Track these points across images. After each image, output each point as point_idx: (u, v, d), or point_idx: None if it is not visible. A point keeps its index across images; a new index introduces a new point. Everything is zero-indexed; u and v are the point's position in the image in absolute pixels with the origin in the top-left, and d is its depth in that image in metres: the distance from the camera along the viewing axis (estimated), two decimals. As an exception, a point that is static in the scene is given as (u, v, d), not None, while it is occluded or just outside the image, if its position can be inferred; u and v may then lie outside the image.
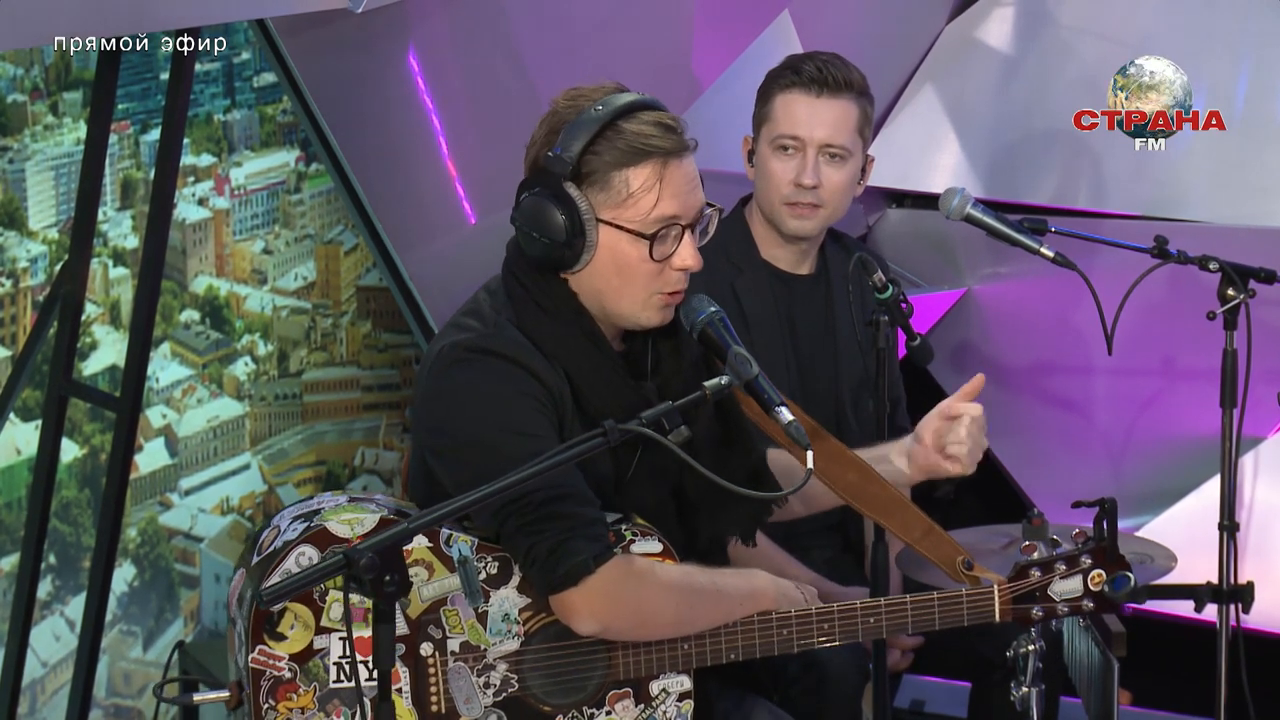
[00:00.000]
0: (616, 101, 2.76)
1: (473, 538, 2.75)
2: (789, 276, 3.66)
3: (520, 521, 2.68)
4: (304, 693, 2.70)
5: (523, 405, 2.74)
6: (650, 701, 2.80)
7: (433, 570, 2.74)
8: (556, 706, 2.78)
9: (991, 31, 4.61)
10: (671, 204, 2.76)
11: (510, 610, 2.75)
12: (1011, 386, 4.58)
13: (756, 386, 2.64)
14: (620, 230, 2.76)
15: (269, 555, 2.74)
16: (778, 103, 3.57)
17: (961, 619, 2.86)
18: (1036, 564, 2.87)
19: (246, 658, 2.70)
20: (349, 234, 4.45)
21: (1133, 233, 3.85)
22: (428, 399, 2.82)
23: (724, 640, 2.80)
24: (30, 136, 3.88)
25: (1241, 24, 4.33)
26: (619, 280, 2.78)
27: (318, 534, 2.72)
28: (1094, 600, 2.86)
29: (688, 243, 2.79)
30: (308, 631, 2.71)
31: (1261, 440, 4.24)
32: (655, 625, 2.77)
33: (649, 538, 2.78)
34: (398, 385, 4.61)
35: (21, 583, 3.80)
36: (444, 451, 2.79)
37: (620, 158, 2.74)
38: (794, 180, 3.53)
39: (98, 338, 4.02)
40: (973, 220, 3.51)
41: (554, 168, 2.75)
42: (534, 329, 2.80)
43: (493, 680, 2.75)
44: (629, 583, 2.72)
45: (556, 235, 2.75)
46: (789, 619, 2.82)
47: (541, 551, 2.68)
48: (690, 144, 2.79)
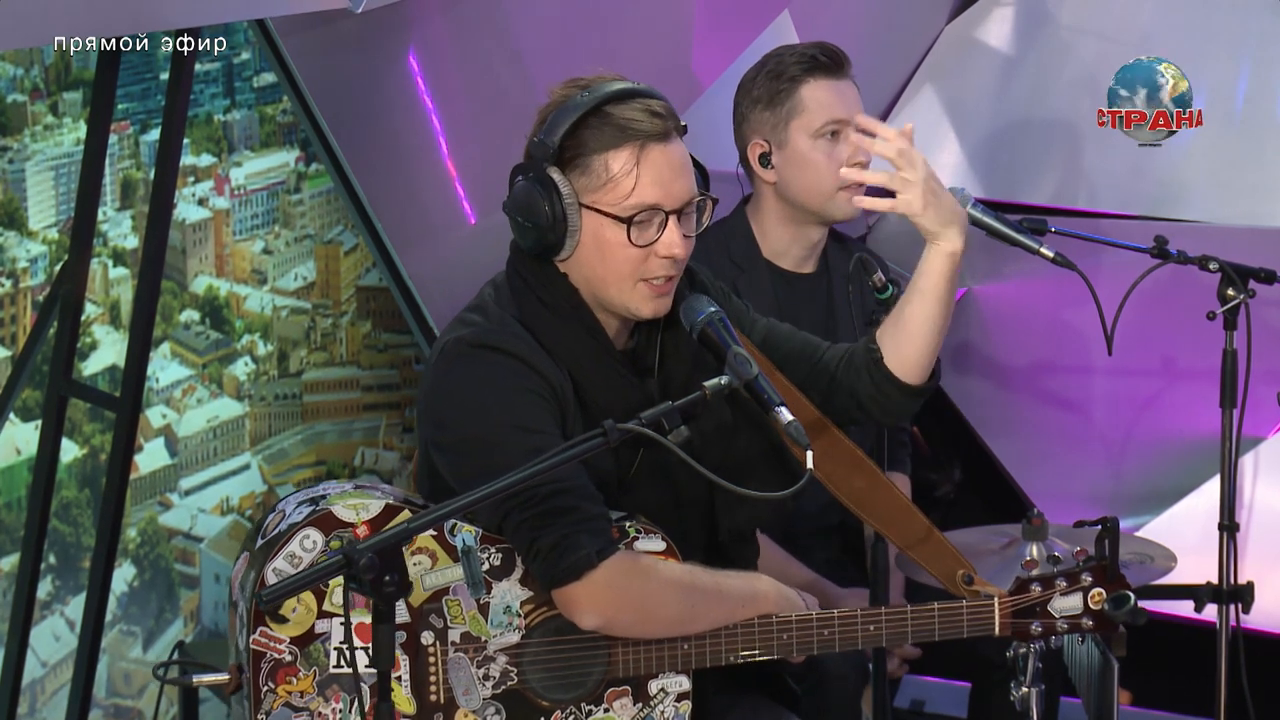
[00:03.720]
0: (605, 88, 2.76)
1: (476, 528, 2.75)
2: (792, 276, 3.67)
3: (524, 515, 2.68)
4: (304, 676, 2.71)
5: (525, 400, 2.75)
6: (648, 701, 2.80)
7: (436, 559, 2.74)
8: (555, 702, 2.78)
9: (991, 31, 4.61)
10: (651, 189, 2.75)
11: (512, 603, 2.75)
12: (1011, 386, 4.58)
13: (756, 386, 2.64)
14: (600, 214, 2.75)
15: (273, 538, 2.75)
16: (805, 94, 3.58)
17: (961, 631, 2.86)
18: (1037, 579, 2.87)
19: (248, 640, 2.70)
20: (349, 234, 4.45)
21: (1133, 233, 3.85)
22: (431, 393, 2.83)
23: (724, 642, 2.80)
24: (30, 136, 3.87)
25: (1241, 24, 4.33)
26: (603, 266, 2.78)
27: (323, 517, 2.73)
28: (1093, 619, 2.86)
29: (671, 229, 2.77)
30: (309, 615, 2.72)
31: (1261, 440, 4.24)
32: (657, 621, 2.77)
33: (652, 536, 2.79)
34: (398, 385, 4.61)
35: (21, 583, 3.80)
36: (446, 445, 2.80)
37: (602, 141, 2.74)
38: (849, 161, 3.55)
39: (98, 338, 4.02)
40: (973, 220, 3.51)
41: (537, 152, 2.76)
42: (536, 323, 2.80)
43: (492, 672, 2.75)
44: (632, 578, 2.72)
45: (542, 220, 2.75)
46: (789, 624, 2.81)
47: (545, 545, 2.68)
48: (673, 129, 2.77)
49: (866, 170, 3.62)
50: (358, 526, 2.74)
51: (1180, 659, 4.09)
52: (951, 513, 4.68)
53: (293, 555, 2.72)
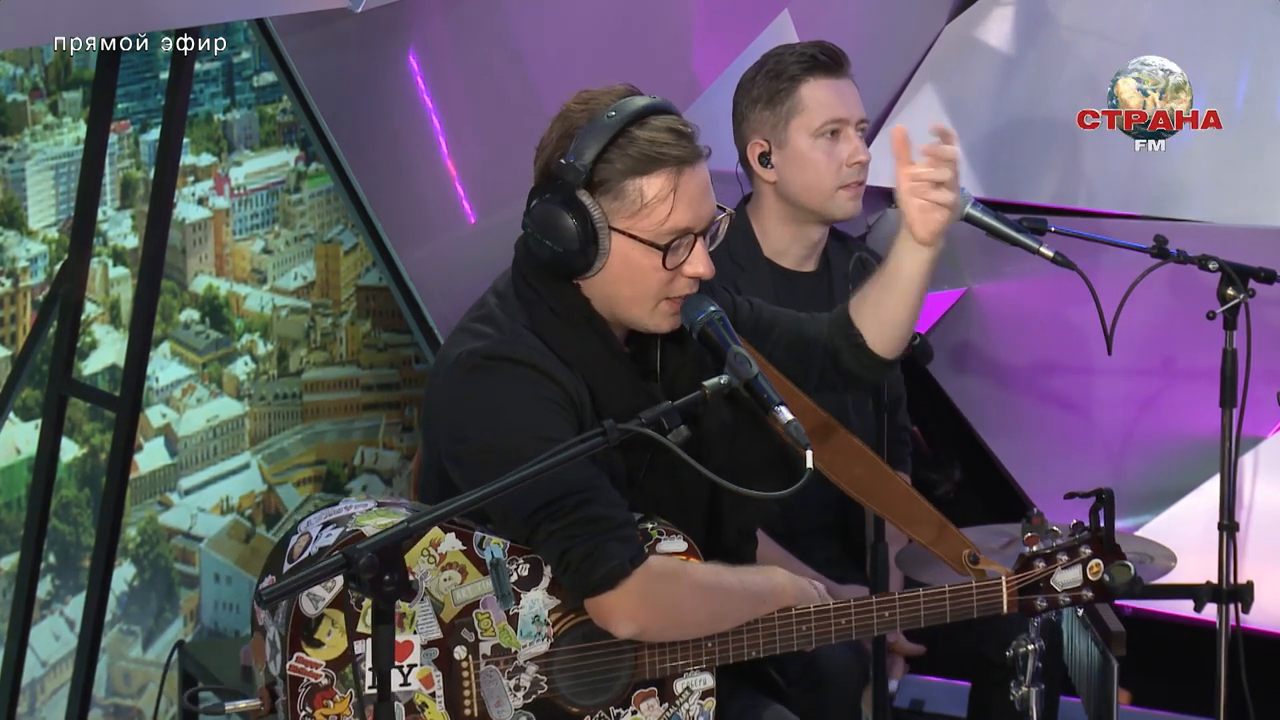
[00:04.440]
0: (630, 106, 2.74)
1: (504, 541, 2.74)
2: (793, 274, 3.67)
3: (554, 527, 2.69)
4: (340, 699, 2.70)
5: (544, 410, 2.74)
6: (674, 700, 2.81)
7: (466, 573, 2.73)
8: (584, 707, 2.78)
9: (991, 31, 4.61)
10: (685, 214, 2.75)
11: (540, 612, 2.75)
12: (1011, 386, 4.58)
13: (756, 386, 2.64)
14: (634, 240, 2.75)
15: (303, 562, 2.72)
16: (805, 93, 3.59)
17: (972, 610, 2.88)
18: (1040, 555, 2.89)
19: (283, 664, 2.69)
20: (349, 234, 4.45)
21: (1133, 233, 3.85)
22: (446, 406, 2.81)
23: (746, 637, 2.82)
24: (30, 136, 3.87)
25: (1241, 24, 4.33)
26: (630, 288, 2.78)
27: (353, 538, 2.67)
28: (1093, 590, 2.89)
29: (699, 251, 2.78)
30: (343, 638, 2.70)
31: (1261, 440, 4.24)
32: (689, 625, 2.78)
33: (674, 536, 2.79)
34: (397, 385, 4.61)
35: (21, 582, 3.80)
36: (465, 458, 2.78)
37: (634, 166, 2.73)
38: (849, 160, 3.58)
39: (98, 337, 4.02)
40: (972, 220, 3.51)
41: (567, 175, 2.73)
42: (550, 334, 2.79)
43: (523, 683, 2.75)
44: (663, 584, 2.73)
45: (569, 243, 2.74)
46: (808, 615, 2.83)
47: (577, 556, 2.68)
48: (704, 151, 2.78)
49: (867, 171, 3.63)
50: None
51: (1180, 659, 4.09)
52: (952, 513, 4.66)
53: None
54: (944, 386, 4.62)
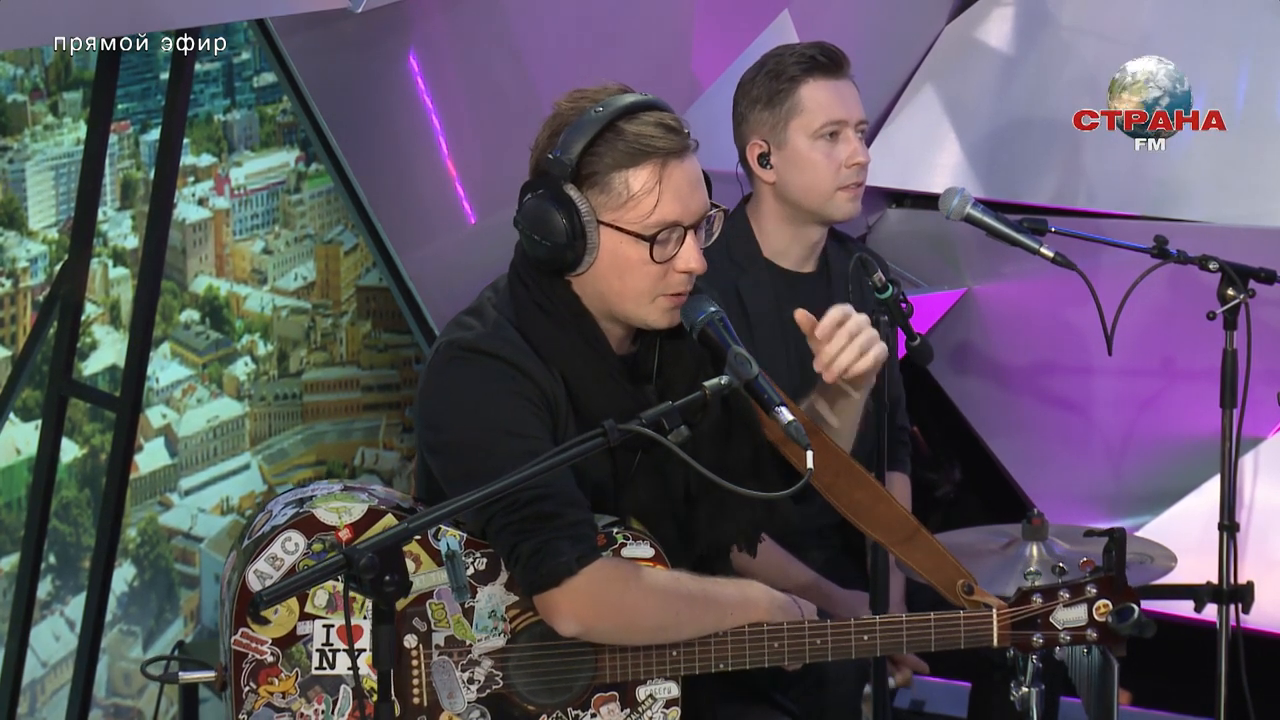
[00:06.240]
0: (618, 102, 2.75)
1: (461, 533, 2.75)
2: (792, 275, 3.67)
3: (506, 520, 2.68)
4: (285, 677, 2.71)
5: (515, 405, 2.74)
6: (636, 707, 2.79)
7: (420, 563, 2.74)
8: (541, 706, 2.77)
9: (991, 31, 4.62)
10: (672, 206, 2.75)
11: (497, 607, 2.75)
12: (1011, 386, 4.59)
13: (756, 386, 2.64)
14: (621, 233, 2.75)
15: (258, 539, 2.76)
16: (804, 94, 3.58)
17: (958, 642, 2.82)
18: (1039, 590, 2.83)
19: (229, 640, 2.71)
20: (349, 234, 4.45)
21: (1133, 233, 3.85)
22: (424, 395, 2.83)
23: (714, 649, 2.78)
24: (30, 136, 3.87)
25: (1241, 24, 4.33)
26: (621, 282, 2.77)
27: (305, 520, 2.74)
28: (1098, 631, 2.82)
29: (689, 245, 2.77)
30: (291, 617, 2.72)
31: (1261, 440, 4.24)
32: (639, 629, 2.75)
33: (641, 542, 2.77)
34: (398, 385, 4.61)
35: (21, 583, 3.80)
36: (437, 448, 2.80)
37: (620, 159, 2.73)
38: (848, 162, 3.57)
39: (98, 338, 4.02)
40: (972, 220, 3.51)
41: (554, 170, 2.74)
42: (531, 330, 2.80)
43: (477, 676, 2.75)
44: (613, 585, 2.71)
45: (558, 238, 2.74)
46: (781, 632, 2.79)
47: (526, 551, 2.67)
48: (692, 144, 2.78)
49: (866, 172, 3.63)
50: (340, 530, 2.74)
51: (1180, 659, 4.09)
52: (951, 513, 4.69)
53: (274, 558, 2.73)
54: (944, 386, 4.63)
